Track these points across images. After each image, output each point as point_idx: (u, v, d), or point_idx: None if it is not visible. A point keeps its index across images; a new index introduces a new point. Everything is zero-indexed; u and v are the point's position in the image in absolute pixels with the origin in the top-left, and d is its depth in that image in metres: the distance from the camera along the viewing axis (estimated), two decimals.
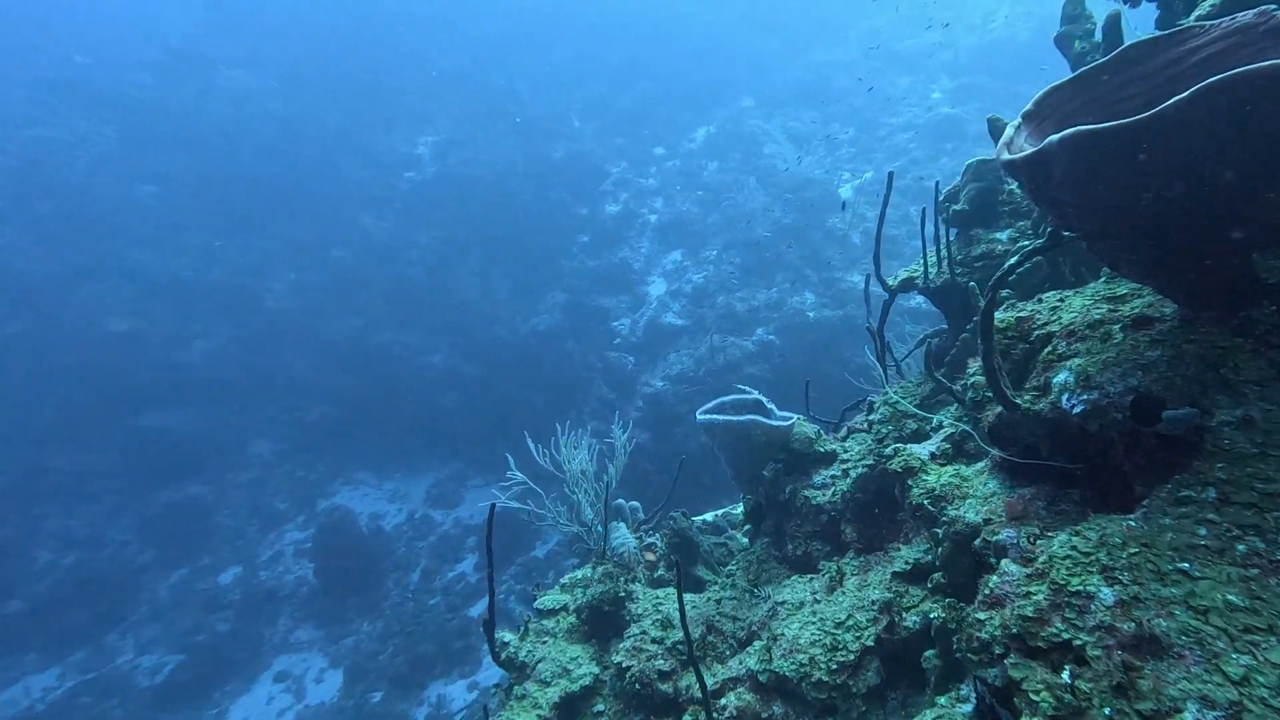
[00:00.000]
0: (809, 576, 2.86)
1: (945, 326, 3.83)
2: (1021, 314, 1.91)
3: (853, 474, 2.93)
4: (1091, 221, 1.40)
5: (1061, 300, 1.85)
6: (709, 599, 3.17)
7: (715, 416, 3.22)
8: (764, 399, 3.42)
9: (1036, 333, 1.82)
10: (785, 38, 23.14)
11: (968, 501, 1.92)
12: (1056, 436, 1.66)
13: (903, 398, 2.88)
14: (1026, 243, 2.66)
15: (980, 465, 2.04)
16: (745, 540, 4.59)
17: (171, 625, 12.01)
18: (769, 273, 12.38)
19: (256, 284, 15.78)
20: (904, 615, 2.25)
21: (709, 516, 5.36)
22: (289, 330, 15.72)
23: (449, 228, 16.13)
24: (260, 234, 16.43)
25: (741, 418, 3.17)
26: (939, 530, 1.94)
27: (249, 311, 15.60)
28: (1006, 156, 1.52)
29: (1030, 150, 1.43)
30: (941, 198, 3.17)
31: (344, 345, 15.50)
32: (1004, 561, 1.47)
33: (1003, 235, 2.81)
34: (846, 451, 3.15)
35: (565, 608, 3.72)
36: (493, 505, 3.61)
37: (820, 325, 10.85)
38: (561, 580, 4.03)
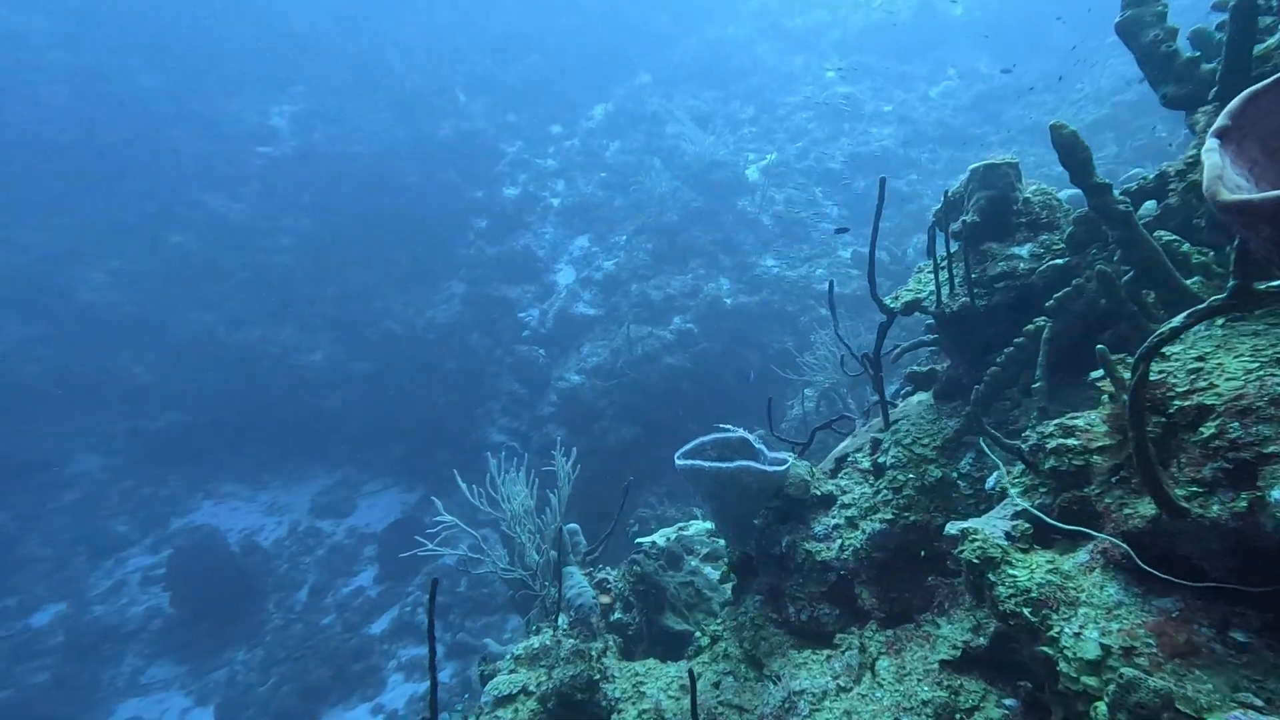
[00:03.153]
0: (825, 653, 2.46)
1: (925, 337, 3.56)
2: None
3: (863, 526, 2.55)
4: None
5: (1200, 359, 1.49)
6: (704, 679, 2.70)
7: (701, 463, 2.71)
8: (750, 437, 2.96)
9: (1177, 404, 1.45)
10: (676, 11, 22.55)
11: (1081, 612, 1.54)
12: (1241, 552, 1.30)
13: (919, 439, 2.52)
14: (1053, 260, 2.34)
15: (1081, 557, 1.68)
16: (710, 571, 4.17)
17: None
18: (682, 258, 12.02)
19: (64, 273, 12.95)
20: None
21: (659, 540, 4.87)
22: (117, 327, 13.15)
23: (321, 211, 14.14)
24: (63, 215, 13.39)
25: (732, 464, 2.69)
26: (1048, 648, 1.55)
27: (54, 306, 12.80)
28: (1229, 197, 1.08)
29: None
30: (939, 206, 2.81)
31: (196, 343, 13.27)
32: None
33: (1023, 250, 2.49)
34: (847, 494, 2.78)
35: (525, 689, 3.09)
36: (434, 581, 2.90)
37: (737, 312, 10.69)
38: (515, 651, 3.37)
